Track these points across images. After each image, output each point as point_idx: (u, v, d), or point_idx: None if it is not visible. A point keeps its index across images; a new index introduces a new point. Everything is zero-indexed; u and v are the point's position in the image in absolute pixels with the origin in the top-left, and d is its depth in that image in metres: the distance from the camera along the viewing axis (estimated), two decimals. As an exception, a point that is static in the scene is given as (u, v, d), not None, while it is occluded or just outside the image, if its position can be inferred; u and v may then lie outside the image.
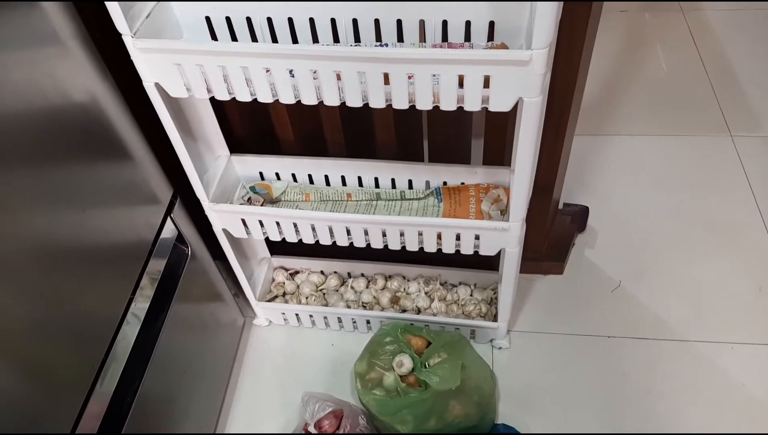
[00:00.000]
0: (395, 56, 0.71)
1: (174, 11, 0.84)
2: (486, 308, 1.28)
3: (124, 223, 0.85)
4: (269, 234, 1.07)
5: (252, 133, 1.14)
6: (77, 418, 0.73)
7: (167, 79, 0.80)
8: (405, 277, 1.35)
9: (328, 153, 1.14)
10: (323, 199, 1.11)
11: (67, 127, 0.74)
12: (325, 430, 1.10)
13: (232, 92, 0.80)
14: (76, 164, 0.75)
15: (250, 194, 1.11)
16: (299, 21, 0.83)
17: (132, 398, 0.86)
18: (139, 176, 0.89)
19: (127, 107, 0.85)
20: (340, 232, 1.03)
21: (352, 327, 1.31)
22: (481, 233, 0.97)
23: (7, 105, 0.63)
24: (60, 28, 0.72)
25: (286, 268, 1.39)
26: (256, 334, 1.35)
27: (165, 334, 0.95)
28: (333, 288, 1.36)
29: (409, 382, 1.04)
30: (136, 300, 0.86)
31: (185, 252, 1.03)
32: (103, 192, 0.80)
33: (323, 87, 0.76)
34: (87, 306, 0.77)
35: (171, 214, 0.97)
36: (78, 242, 0.75)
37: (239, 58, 0.75)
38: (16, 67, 0.65)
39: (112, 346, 0.80)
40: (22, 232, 0.66)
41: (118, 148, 0.84)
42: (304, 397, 1.14)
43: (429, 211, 1.07)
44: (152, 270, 0.91)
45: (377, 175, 1.10)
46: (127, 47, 0.76)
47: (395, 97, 0.75)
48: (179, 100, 0.90)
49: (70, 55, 0.74)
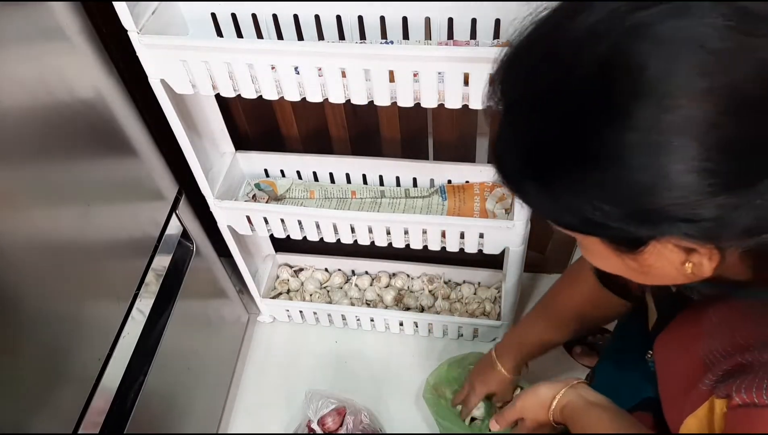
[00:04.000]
0: (401, 54, 0.71)
1: (180, 8, 0.84)
2: (490, 307, 1.27)
3: (129, 219, 0.85)
4: (274, 231, 1.07)
5: (257, 130, 1.14)
6: (81, 414, 0.73)
7: (173, 76, 0.80)
8: (409, 275, 1.35)
9: (332, 150, 1.14)
10: (328, 196, 1.11)
11: (73, 123, 0.74)
12: (329, 427, 1.10)
13: (237, 89, 0.80)
14: (81, 160, 0.76)
15: (255, 191, 1.11)
16: (305, 18, 0.83)
17: (136, 394, 0.87)
18: (145, 172, 0.89)
19: (132, 103, 0.85)
20: (345, 229, 1.03)
21: (356, 324, 1.32)
22: (485, 231, 0.97)
23: (13, 100, 0.63)
24: (66, 24, 0.72)
25: (290, 265, 1.39)
26: (260, 330, 1.36)
27: (169, 331, 0.95)
28: (337, 285, 1.36)
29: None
30: (141, 296, 0.87)
31: (190, 248, 1.03)
32: (108, 188, 0.81)
33: (328, 84, 0.76)
34: (91, 302, 0.77)
35: (176, 210, 0.97)
36: (83, 238, 0.75)
37: (245, 55, 0.75)
38: (23, 63, 0.65)
39: (116, 342, 0.81)
40: (28, 226, 0.66)
41: (123, 144, 0.84)
42: (308, 394, 1.14)
43: (433, 209, 1.07)
44: (157, 266, 0.91)
45: (382, 172, 1.10)
46: (132, 43, 0.76)
47: (400, 94, 0.75)
48: (185, 96, 0.90)
49: (77, 51, 0.74)
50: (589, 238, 0.46)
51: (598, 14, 0.38)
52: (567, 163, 0.40)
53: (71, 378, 0.73)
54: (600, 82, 0.37)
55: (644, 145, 0.37)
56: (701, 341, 0.54)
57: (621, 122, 0.37)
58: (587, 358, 1.19)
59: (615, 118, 0.37)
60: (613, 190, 0.39)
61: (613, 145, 0.37)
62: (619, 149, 0.37)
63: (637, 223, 0.40)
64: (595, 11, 0.38)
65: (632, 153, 0.37)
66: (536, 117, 0.41)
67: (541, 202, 0.44)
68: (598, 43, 0.37)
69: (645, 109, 0.36)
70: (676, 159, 0.36)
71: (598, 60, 0.37)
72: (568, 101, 0.39)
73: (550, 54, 0.40)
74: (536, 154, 0.41)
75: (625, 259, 0.45)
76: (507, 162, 0.44)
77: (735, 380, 0.47)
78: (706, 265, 0.43)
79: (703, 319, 0.56)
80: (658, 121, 0.36)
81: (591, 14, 0.38)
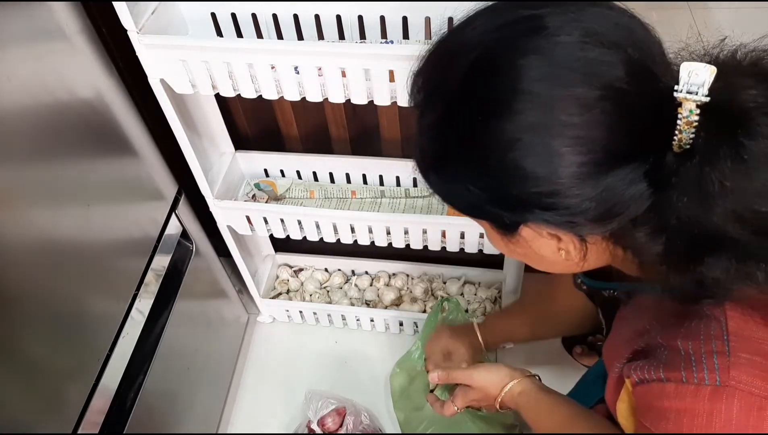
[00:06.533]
0: (400, 54, 0.71)
1: (180, 8, 0.84)
2: (490, 307, 1.27)
3: (128, 219, 0.85)
4: (273, 231, 1.07)
5: (257, 130, 1.14)
6: (81, 413, 0.73)
7: (172, 75, 0.80)
8: (409, 275, 1.34)
9: (332, 150, 1.14)
10: (327, 196, 1.11)
11: (73, 123, 0.74)
12: (328, 427, 1.10)
13: (237, 89, 0.80)
14: (81, 160, 0.76)
15: (255, 191, 1.11)
16: (304, 17, 0.83)
17: (136, 394, 0.86)
18: (144, 172, 0.89)
19: (132, 103, 0.85)
20: (345, 229, 1.03)
21: (355, 325, 1.31)
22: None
23: (13, 100, 0.63)
24: (66, 24, 0.72)
25: (290, 265, 1.39)
26: (260, 331, 1.36)
27: (169, 331, 0.95)
28: (337, 285, 1.36)
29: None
30: (140, 296, 0.87)
31: (190, 248, 1.03)
32: (108, 188, 0.81)
33: (328, 84, 0.76)
34: (91, 302, 0.77)
35: (176, 210, 0.97)
36: (82, 238, 0.75)
37: (244, 55, 0.75)
38: (23, 62, 0.65)
39: (116, 342, 0.80)
40: (28, 226, 0.66)
41: (123, 144, 0.84)
42: (308, 394, 1.14)
43: (433, 209, 1.07)
44: (157, 266, 0.91)
45: (382, 172, 1.10)
46: (132, 43, 0.76)
47: (400, 94, 0.75)
48: (184, 96, 0.90)
49: (77, 51, 0.74)
50: (481, 221, 0.53)
51: (477, 28, 0.45)
52: (448, 153, 0.47)
53: (71, 377, 0.73)
54: (467, 84, 0.44)
55: (501, 140, 0.43)
56: (617, 335, 0.62)
57: (483, 120, 0.43)
58: (587, 358, 1.19)
59: (478, 115, 0.43)
60: (480, 178, 0.46)
61: (477, 139, 0.44)
62: (481, 143, 0.44)
63: (504, 208, 0.47)
64: (477, 25, 0.45)
65: (492, 147, 0.44)
66: (426, 114, 0.48)
67: (439, 189, 0.51)
68: (469, 52, 0.44)
69: (501, 110, 0.42)
70: (529, 153, 0.42)
71: (468, 66, 0.44)
72: (445, 101, 0.46)
73: (437, 60, 0.48)
74: (429, 147, 0.49)
75: (509, 243, 0.52)
76: (416, 159, 0.51)
77: (633, 362, 0.53)
78: (573, 253, 0.50)
79: (623, 317, 0.64)
80: (513, 121, 0.42)
81: (468, 31, 0.45)
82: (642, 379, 0.51)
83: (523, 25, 0.43)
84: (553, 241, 0.49)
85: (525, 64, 0.42)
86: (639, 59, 0.42)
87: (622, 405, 0.57)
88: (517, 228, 0.49)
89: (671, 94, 0.41)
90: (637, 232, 0.46)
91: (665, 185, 0.43)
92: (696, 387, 0.46)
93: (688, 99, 0.40)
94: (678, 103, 0.41)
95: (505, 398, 0.76)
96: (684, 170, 0.41)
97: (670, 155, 0.42)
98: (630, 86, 0.41)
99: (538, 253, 0.52)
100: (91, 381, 0.76)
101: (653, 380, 0.50)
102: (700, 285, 0.45)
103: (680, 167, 0.42)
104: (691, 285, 0.45)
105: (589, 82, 0.41)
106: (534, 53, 0.42)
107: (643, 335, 0.54)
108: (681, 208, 0.42)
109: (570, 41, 0.42)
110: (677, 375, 0.47)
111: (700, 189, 0.41)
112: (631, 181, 0.43)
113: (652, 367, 0.50)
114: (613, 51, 0.42)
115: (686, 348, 0.48)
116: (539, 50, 0.42)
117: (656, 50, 0.44)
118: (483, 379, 0.78)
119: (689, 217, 0.42)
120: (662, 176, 0.42)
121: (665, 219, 0.44)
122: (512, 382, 0.75)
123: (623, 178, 0.43)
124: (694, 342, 0.48)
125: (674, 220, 0.43)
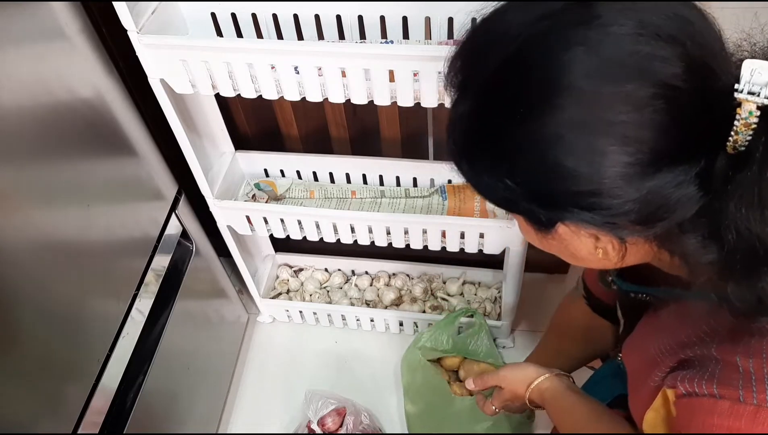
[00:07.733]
0: (401, 54, 0.71)
1: (180, 8, 0.84)
2: (490, 307, 1.27)
3: (128, 219, 0.85)
4: (273, 231, 1.07)
5: (257, 130, 1.14)
6: (81, 413, 0.73)
7: (172, 75, 0.80)
8: (409, 275, 1.34)
9: (332, 150, 1.14)
10: (327, 196, 1.11)
11: (73, 123, 0.74)
12: (328, 427, 1.10)
13: (237, 89, 0.79)
14: (81, 160, 0.76)
15: (255, 191, 1.11)
16: (304, 17, 0.83)
17: (136, 394, 0.87)
18: (144, 172, 0.89)
19: (132, 103, 0.85)
20: (345, 229, 1.03)
21: (355, 325, 1.31)
22: (485, 231, 0.97)
23: (13, 100, 0.63)
24: (66, 24, 0.72)
25: (290, 265, 1.39)
26: (260, 330, 1.36)
27: (169, 331, 0.95)
28: (337, 285, 1.36)
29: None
30: (140, 296, 0.87)
31: (190, 248, 1.03)
32: (108, 188, 0.81)
33: (328, 84, 0.76)
34: (91, 302, 0.77)
35: (176, 210, 0.97)
36: (82, 238, 0.75)
37: (244, 55, 0.75)
38: (23, 62, 0.65)
39: (116, 342, 0.81)
40: (28, 226, 0.66)
41: (123, 144, 0.84)
42: (308, 394, 1.14)
43: (433, 209, 1.07)
44: (157, 266, 0.91)
45: (382, 172, 1.10)
46: (132, 43, 0.76)
47: (400, 94, 0.75)
48: (184, 96, 0.90)
49: (77, 51, 0.74)
50: (516, 215, 0.51)
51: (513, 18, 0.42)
52: (481, 145, 0.45)
53: (71, 378, 0.73)
54: (504, 78, 0.42)
55: (542, 136, 0.40)
56: (653, 341, 0.58)
57: (521, 115, 0.41)
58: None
59: (515, 111, 0.41)
60: (516, 174, 0.43)
61: (514, 135, 0.42)
62: (518, 139, 0.42)
63: (541, 206, 0.44)
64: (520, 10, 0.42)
65: (531, 143, 0.41)
66: (461, 101, 0.46)
67: (471, 179, 0.48)
68: (508, 44, 0.41)
69: (541, 105, 0.40)
70: (571, 151, 0.40)
71: (505, 59, 0.41)
72: (482, 90, 0.44)
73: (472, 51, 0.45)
74: (462, 138, 0.46)
75: (543, 238, 0.50)
76: (448, 144, 0.49)
77: (679, 373, 0.50)
78: (611, 253, 0.48)
79: (657, 322, 0.61)
80: (554, 116, 0.39)
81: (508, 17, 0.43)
82: (690, 392, 0.48)
83: (572, 13, 0.40)
84: (591, 241, 0.47)
85: (570, 57, 0.39)
86: (698, 55, 0.39)
87: (651, 414, 0.55)
88: (554, 225, 0.46)
89: (730, 93, 0.38)
90: (686, 238, 0.43)
91: (717, 190, 0.40)
92: (756, 408, 0.43)
93: (749, 100, 0.37)
94: (737, 103, 0.38)
95: (532, 394, 0.75)
96: (741, 177, 0.38)
97: (722, 157, 0.39)
98: (687, 84, 0.38)
99: (574, 249, 0.49)
100: (90, 381, 0.76)
101: (704, 395, 0.46)
102: (759, 301, 0.42)
103: (736, 173, 0.39)
104: (752, 300, 0.42)
105: (642, 79, 0.38)
106: (582, 45, 0.39)
107: (691, 346, 0.51)
108: (739, 219, 0.39)
109: (623, 33, 0.38)
110: (734, 393, 0.44)
111: (761, 199, 0.38)
112: (679, 184, 0.40)
113: (703, 381, 0.47)
114: (670, 45, 0.38)
115: (746, 366, 0.45)
116: (587, 42, 0.39)
117: (717, 45, 0.40)
118: (511, 378, 0.77)
119: (748, 229, 0.39)
120: (713, 180, 0.40)
121: (719, 227, 0.40)
122: (539, 378, 0.74)
123: (670, 181, 0.40)
124: (755, 360, 0.44)
125: (731, 232, 0.40)
